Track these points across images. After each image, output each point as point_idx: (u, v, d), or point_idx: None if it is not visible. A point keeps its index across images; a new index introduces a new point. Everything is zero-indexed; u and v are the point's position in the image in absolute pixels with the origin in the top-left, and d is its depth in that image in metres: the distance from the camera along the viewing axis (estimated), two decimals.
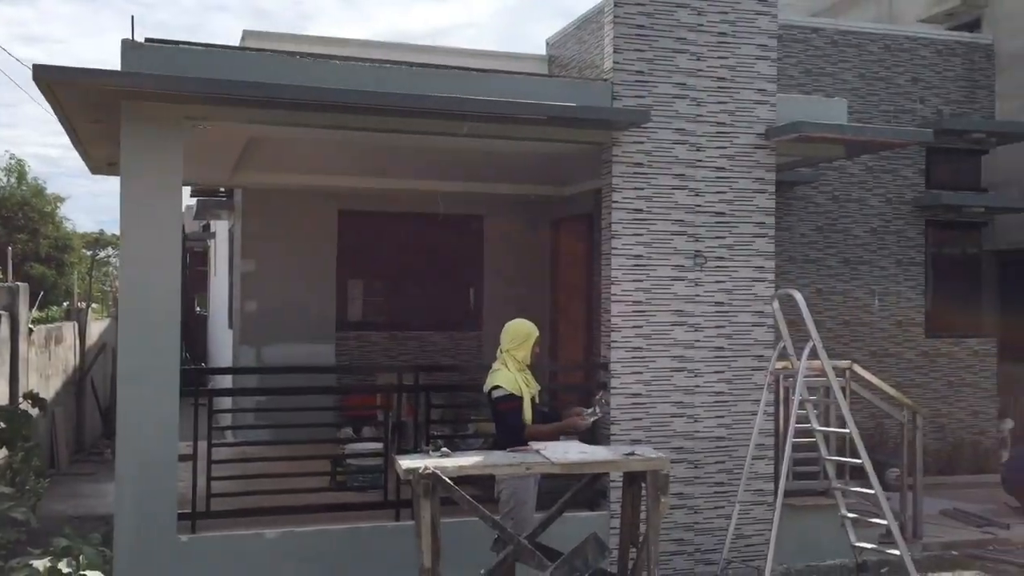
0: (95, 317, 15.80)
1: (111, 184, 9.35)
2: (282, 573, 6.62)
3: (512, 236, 11.58)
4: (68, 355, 12.62)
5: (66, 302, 23.87)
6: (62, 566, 6.05)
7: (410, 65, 7.62)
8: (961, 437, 11.67)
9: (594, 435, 7.20)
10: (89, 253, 35.46)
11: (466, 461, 5.24)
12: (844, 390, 8.07)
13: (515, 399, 5.81)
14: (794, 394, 6.99)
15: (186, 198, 14.61)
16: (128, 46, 6.38)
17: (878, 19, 14.47)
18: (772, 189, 7.90)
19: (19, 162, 30.00)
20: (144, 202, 6.47)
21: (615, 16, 7.50)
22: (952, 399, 11.76)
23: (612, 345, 7.50)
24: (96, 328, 14.67)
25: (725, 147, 7.74)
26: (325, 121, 6.88)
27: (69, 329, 12.78)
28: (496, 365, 6.04)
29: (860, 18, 14.58)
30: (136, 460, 6.39)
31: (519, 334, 6.04)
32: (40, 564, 6.07)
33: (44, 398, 9.82)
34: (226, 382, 11.12)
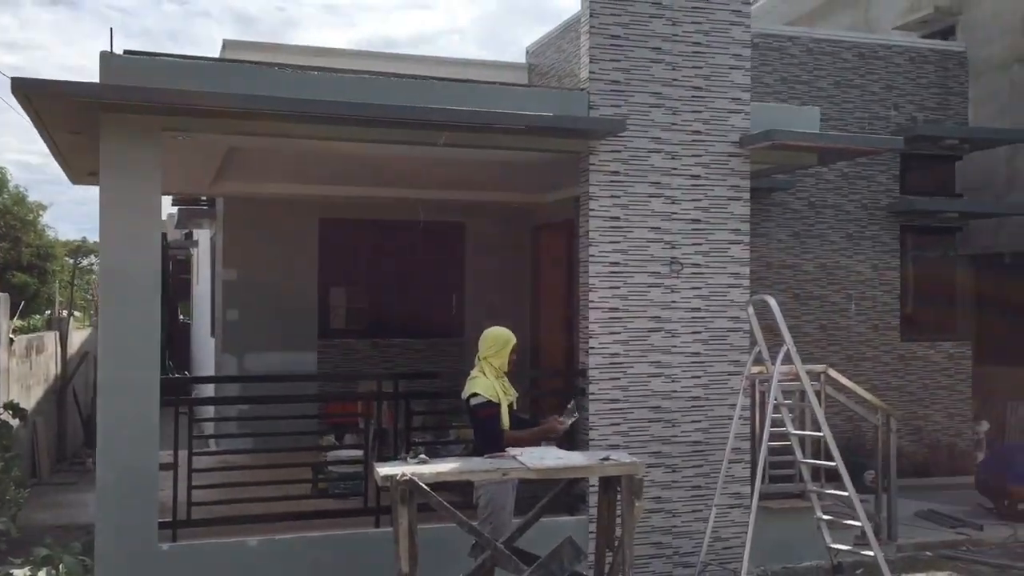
0: (77, 326, 15.78)
1: (94, 192, 9.45)
2: None
3: (493, 243, 11.67)
4: (50, 364, 12.61)
5: (48, 311, 23.79)
6: (42, 575, 6.08)
7: (389, 76, 7.70)
8: (937, 439, 11.82)
9: (573, 440, 7.29)
10: (71, 261, 35.34)
11: (443, 467, 5.31)
12: (819, 394, 8.20)
13: (493, 406, 5.88)
14: (770, 398, 7.10)
15: (168, 207, 14.62)
16: (107, 58, 6.43)
17: (854, 27, 14.65)
18: (747, 196, 8.02)
19: (0, 170, 29.84)
20: (123, 213, 6.52)
21: (591, 26, 7.60)
22: (928, 402, 11.92)
23: (590, 351, 7.59)
24: (78, 337, 14.65)
25: (700, 155, 7.85)
26: (304, 132, 6.94)
27: (51, 338, 12.78)
28: (474, 372, 6.11)
29: (836, 26, 14.77)
30: (117, 469, 6.42)
31: (497, 341, 6.12)
32: (20, 573, 6.10)
33: (24, 408, 9.82)
34: (209, 390, 11.15)
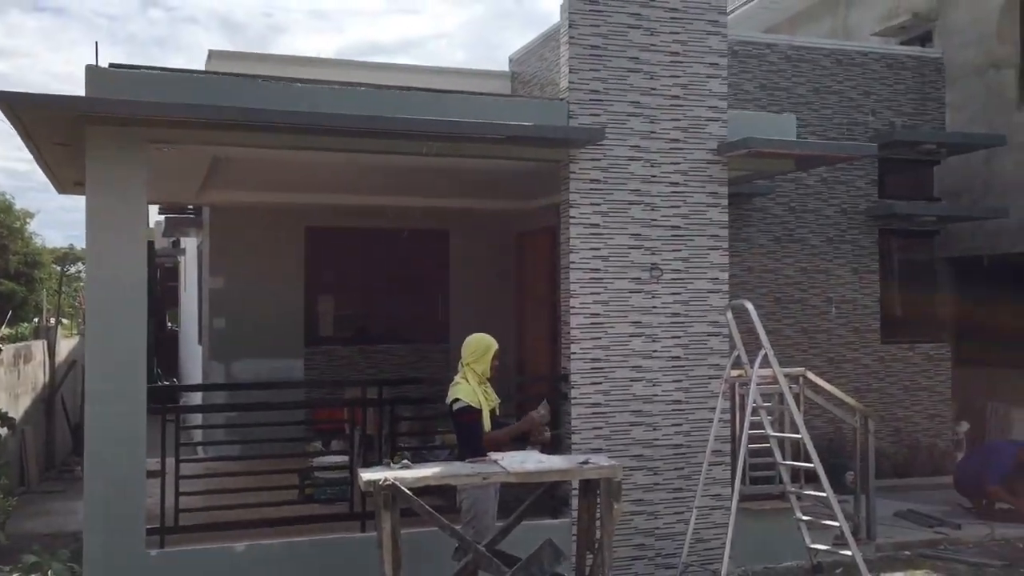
0: (65, 334, 15.82)
1: (81, 199, 9.57)
2: None
3: (477, 250, 11.79)
4: (38, 373, 12.66)
5: (36, 318, 23.76)
6: None
7: (372, 87, 7.81)
8: (917, 440, 11.98)
9: (557, 444, 7.40)
10: (59, 268, 35.24)
11: (425, 472, 5.42)
12: (798, 396, 8.33)
13: (474, 411, 5.99)
14: (749, 401, 7.23)
15: (154, 215, 14.68)
16: (92, 71, 6.52)
17: (833, 33, 14.85)
18: (725, 203, 8.15)
19: None
20: (110, 224, 6.61)
21: (570, 37, 7.73)
22: (908, 403, 12.08)
23: (572, 356, 7.71)
24: (66, 345, 14.70)
25: (679, 163, 7.98)
26: (288, 142, 7.05)
27: (38, 347, 12.83)
28: (457, 378, 6.22)
29: (816, 32, 14.97)
30: (105, 477, 6.50)
31: (479, 348, 6.24)
32: None
33: (12, 417, 9.87)
34: (197, 398, 11.23)
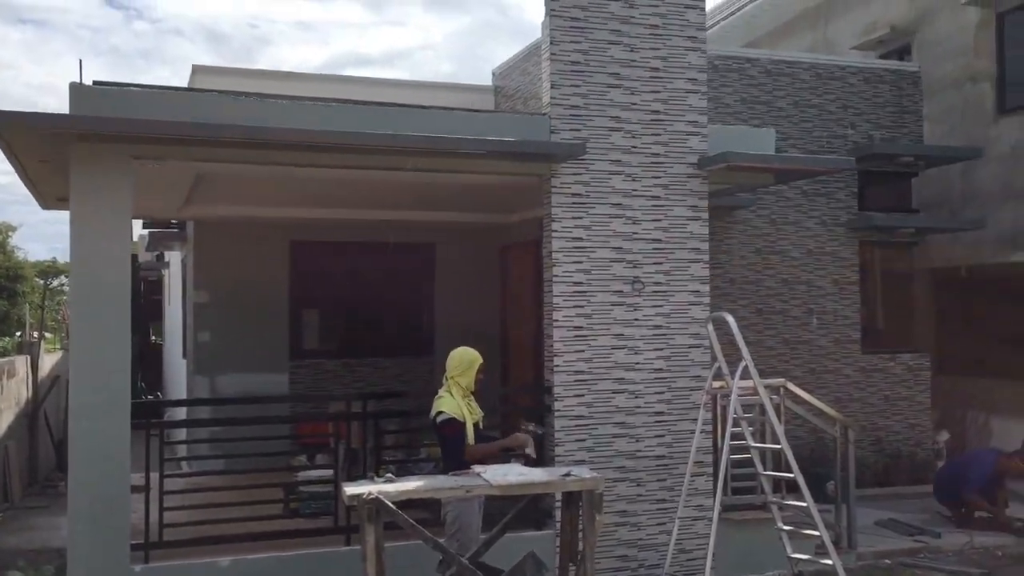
0: (48, 348, 15.76)
1: (64, 212, 9.61)
2: None
3: (462, 263, 11.85)
4: (21, 388, 12.62)
5: (18, 332, 23.64)
6: None
7: (355, 103, 7.88)
8: (898, 449, 12.09)
9: (541, 456, 7.45)
10: (41, 282, 35.05)
11: (409, 486, 5.46)
12: (779, 407, 8.42)
13: (457, 424, 6.05)
14: (730, 412, 7.31)
15: (138, 229, 14.68)
16: (77, 89, 6.57)
17: (813, 46, 15.04)
18: (706, 216, 8.25)
19: None
20: (94, 240, 6.64)
21: (551, 53, 7.82)
22: (889, 413, 12.19)
23: (555, 369, 7.78)
24: (49, 360, 14.65)
25: (660, 177, 8.08)
26: (271, 158, 7.11)
27: (21, 362, 12.79)
28: (441, 392, 6.29)
29: (796, 46, 15.16)
30: (89, 493, 6.52)
31: (463, 362, 6.31)
32: None
33: None
34: (181, 412, 11.22)
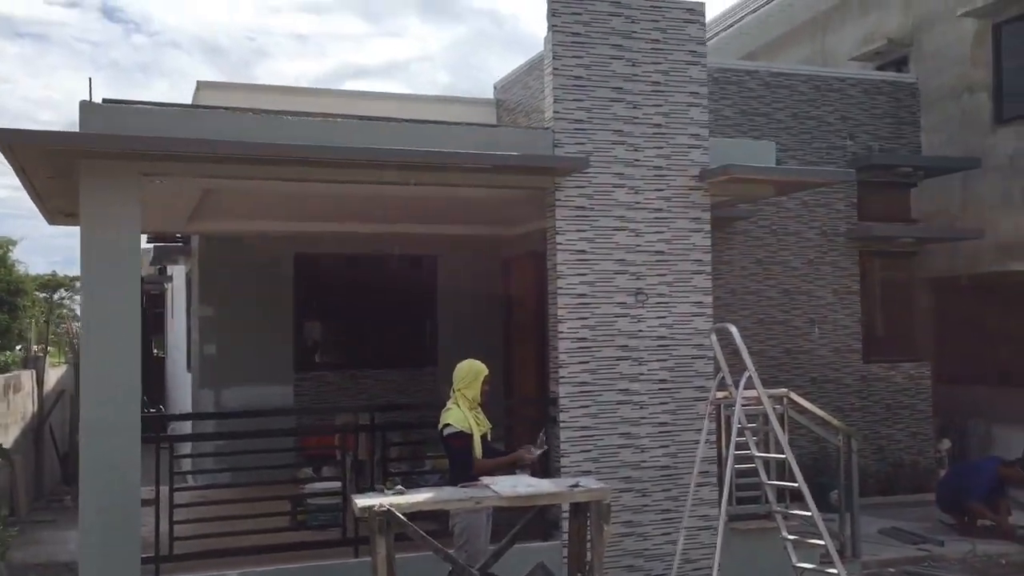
0: (53, 363, 15.82)
1: (67, 227, 9.73)
2: None
3: (465, 275, 11.90)
4: (26, 403, 12.67)
5: (19, 346, 23.66)
6: None
7: (360, 119, 7.95)
8: (900, 458, 12.14)
9: (547, 468, 7.51)
10: (43, 296, 35.05)
11: (419, 498, 5.52)
12: (782, 417, 8.47)
13: (464, 436, 6.11)
14: (734, 422, 7.36)
15: (142, 243, 14.75)
16: (86, 107, 6.65)
17: (811, 58, 15.16)
18: (708, 228, 8.32)
19: None
20: (104, 256, 6.69)
21: (554, 68, 7.91)
22: (891, 422, 12.25)
23: (560, 381, 7.84)
24: (54, 375, 14.71)
25: (662, 189, 8.16)
26: (277, 174, 7.18)
27: (27, 377, 12.85)
28: (449, 404, 6.35)
29: (794, 57, 15.28)
30: (100, 507, 6.55)
31: (468, 374, 6.37)
32: None
33: (7, 449, 9.89)
34: (185, 425, 11.26)
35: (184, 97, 11.46)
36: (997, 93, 12.40)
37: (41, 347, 16.05)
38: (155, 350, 23.23)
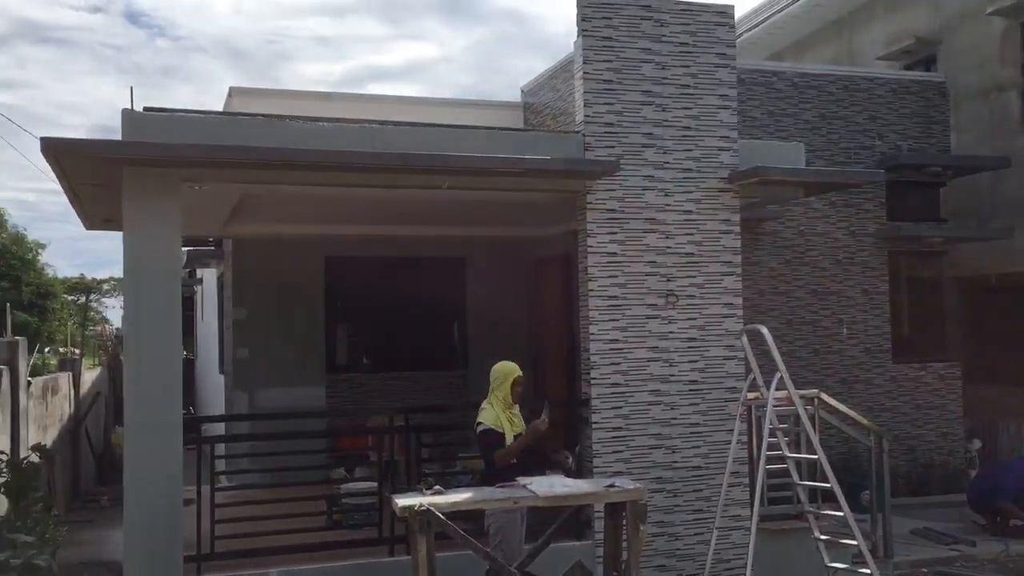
0: (87, 365, 16.08)
1: (96, 232, 9.94)
2: None
3: (493, 277, 11.99)
4: (64, 404, 12.90)
5: (48, 348, 24.01)
6: None
7: (396, 124, 8.07)
8: (931, 458, 12.11)
9: (578, 469, 7.58)
10: (72, 299, 35.52)
11: (458, 498, 5.62)
12: (813, 417, 8.50)
13: (494, 434, 6.23)
14: (766, 423, 7.41)
15: None
16: (129, 116, 6.80)
17: (838, 58, 15.12)
18: (737, 230, 8.37)
19: None
20: (147, 262, 6.84)
21: (584, 72, 7.99)
22: (921, 422, 12.22)
23: (592, 382, 7.91)
24: (88, 377, 14.95)
25: (692, 191, 8.21)
26: (314, 179, 7.30)
27: (64, 379, 13.08)
28: (484, 403, 6.48)
29: (820, 57, 15.24)
30: (143, 507, 6.69)
31: (499, 374, 6.51)
32: None
33: (49, 449, 10.09)
34: (219, 426, 11.43)
35: (209, 100, 11.64)
36: None
37: (73, 350, 16.31)
38: (185, 352, 23.48)
